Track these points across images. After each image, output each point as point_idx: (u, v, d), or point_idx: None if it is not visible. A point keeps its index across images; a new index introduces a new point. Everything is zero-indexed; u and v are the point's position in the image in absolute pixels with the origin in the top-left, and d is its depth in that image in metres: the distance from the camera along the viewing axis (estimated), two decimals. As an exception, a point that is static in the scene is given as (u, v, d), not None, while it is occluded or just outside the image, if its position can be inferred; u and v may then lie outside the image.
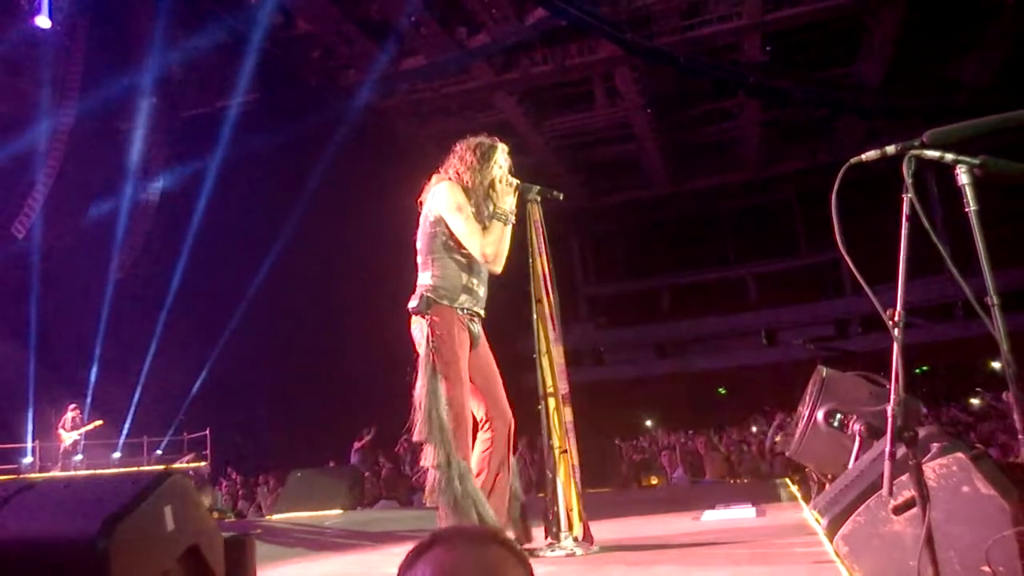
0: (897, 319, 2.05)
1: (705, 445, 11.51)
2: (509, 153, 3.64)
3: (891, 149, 2.13)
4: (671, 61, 16.41)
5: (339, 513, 7.52)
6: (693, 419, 17.49)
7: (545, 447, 3.42)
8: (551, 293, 3.53)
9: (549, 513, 3.36)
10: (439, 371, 3.24)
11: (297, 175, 15.94)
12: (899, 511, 2.10)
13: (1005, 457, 6.40)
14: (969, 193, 2.01)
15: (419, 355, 3.32)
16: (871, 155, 2.19)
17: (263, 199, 15.86)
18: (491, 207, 3.50)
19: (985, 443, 7.95)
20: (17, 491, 2.21)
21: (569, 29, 16.11)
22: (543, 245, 3.58)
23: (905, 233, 2.07)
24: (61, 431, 13.27)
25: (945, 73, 18.14)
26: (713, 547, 3.39)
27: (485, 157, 3.53)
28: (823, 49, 17.58)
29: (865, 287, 2.10)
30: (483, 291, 3.52)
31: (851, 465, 3.20)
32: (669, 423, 18.77)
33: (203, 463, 14.92)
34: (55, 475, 12.10)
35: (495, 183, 3.53)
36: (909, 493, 2.05)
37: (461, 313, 3.39)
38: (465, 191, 3.47)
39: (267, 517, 8.83)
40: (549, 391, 3.45)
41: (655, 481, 10.66)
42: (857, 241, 2.25)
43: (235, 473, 13.27)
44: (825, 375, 3.80)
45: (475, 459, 3.36)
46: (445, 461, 3.13)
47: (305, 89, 16.57)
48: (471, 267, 3.45)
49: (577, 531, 3.32)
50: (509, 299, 3.77)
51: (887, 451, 2.10)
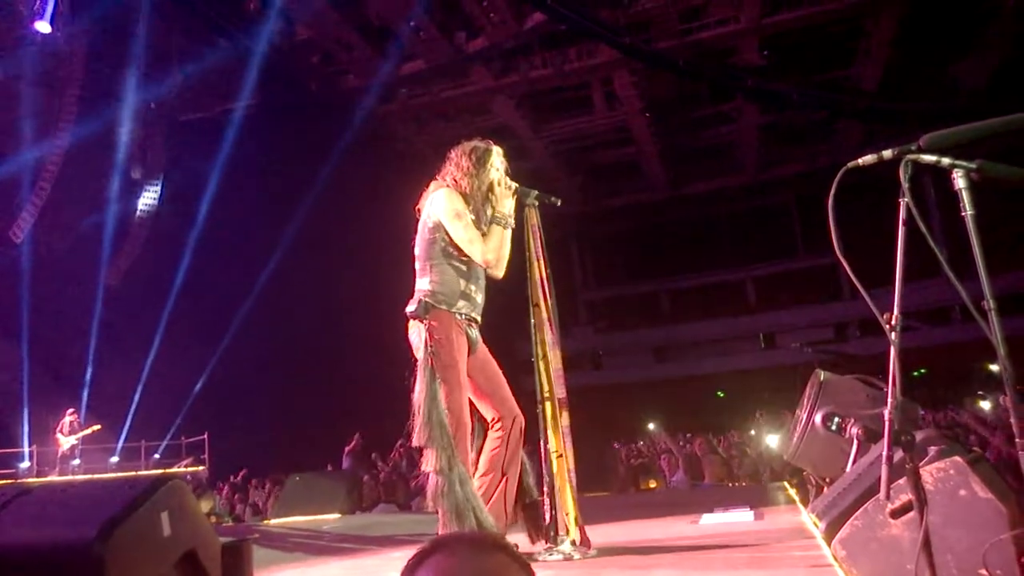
0: (894, 323, 2.06)
1: (703, 448, 11.51)
2: (506, 156, 3.65)
3: (888, 153, 2.14)
4: (670, 65, 16.44)
5: (337, 517, 7.51)
6: (692, 422, 17.48)
7: (542, 451, 3.42)
8: (548, 297, 3.53)
9: (547, 517, 3.36)
10: (438, 375, 3.24)
11: (297, 180, 15.94)
12: (896, 515, 2.10)
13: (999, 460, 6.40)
14: (966, 197, 2.01)
15: (417, 360, 3.32)
16: (868, 159, 2.19)
17: (262, 204, 15.86)
18: (490, 211, 3.51)
19: (983, 447, 7.94)
20: (14, 496, 2.21)
21: (568, 33, 16.14)
22: (540, 249, 3.58)
23: (902, 237, 2.07)
24: (59, 435, 13.26)
25: (942, 76, 18.18)
26: (711, 551, 3.38)
27: (481, 161, 3.53)
28: (821, 53, 17.62)
29: (862, 290, 2.11)
30: (481, 297, 3.52)
31: (849, 468, 3.20)
32: (668, 427, 18.76)
33: (201, 467, 14.90)
34: (53, 479, 12.09)
35: (493, 187, 3.53)
36: (906, 497, 2.05)
37: (459, 318, 3.39)
38: (463, 197, 3.47)
39: (265, 521, 8.81)
40: (546, 395, 3.45)
41: (653, 484, 10.65)
42: (855, 245, 2.26)
43: (233, 477, 13.24)
44: (823, 378, 3.80)
45: (484, 458, 3.37)
46: (447, 465, 3.13)
47: (305, 94, 16.59)
48: (470, 273, 3.45)
49: (574, 535, 3.32)
50: (508, 303, 3.77)
51: (884, 455, 2.10)
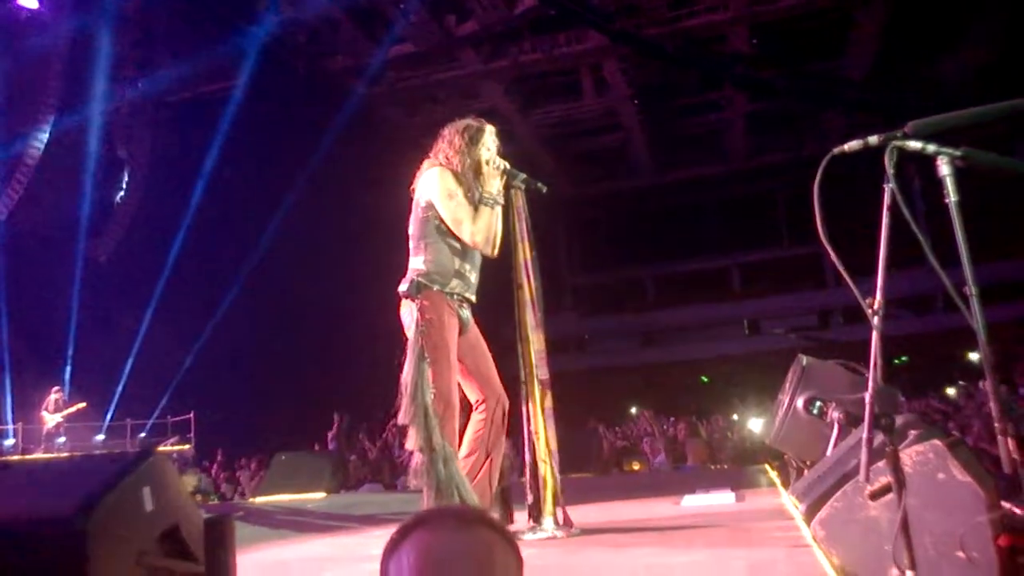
0: (876, 307, 2.07)
1: (686, 431, 11.60)
2: (497, 135, 3.64)
3: (874, 139, 2.15)
4: (659, 52, 16.41)
5: (323, 496, 7.53)
6: (676, 407, 17.59)
7: (525, 432, 3.44)
8: (532, 280, 3.54)
9: (529, 497, 3.38)
10: (427, 355, 3.24)
11: (286, 161, 15.85)
12: (875, 497, 2.12)
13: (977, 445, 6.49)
14: (950, 184, 2.02)
15: (408, 339, 3.33)
16: (853, 145, 2.20)
17: (251, 186, 15.76)
18: (479, 190, 3.50)
19: (963, 432, 8.04)
20: (-4, 470, 2.20)
21: (558, 18, 16.07)
22: (525, 232, 3.58)
23: (886, 223, 2.09)
24: (44, 413, 13.21)
25: (930, 69, 18.25)
26: (692, 530, 3.42)
27: (473, 140, 3.52)
28: (809, 42, 17.62)
29: (845, 275, 2.12)
30: (475, 277, 3.52)
31: (829, 452, 3.24)
32: (652, 410, 18.85)
33: (187, 446, 14.89)
34: (38, 457, 12.03)
35: (481, 165, 3.52)
36: (886, 479, 2.07)
37: (452, 298, 3.39)
38: (455, 175, 3.46)
39: (250, 500, 8.82)
40: (529, 377, 3.46)
41: (637, 467, 10.73)
42: (840, 234, 2.27)
43: (219, 456, 13.23)
44: (805, 363, 3.83)
45: (468, 439, 3.37)
46: (428, 444, 3.13)
47: (292, 75, 16.44)
48: (464, 252, 3.44)
49: (556, 514, 3.34)
50: (494, 285, 3.78)
51: (864, 438, 2.12)
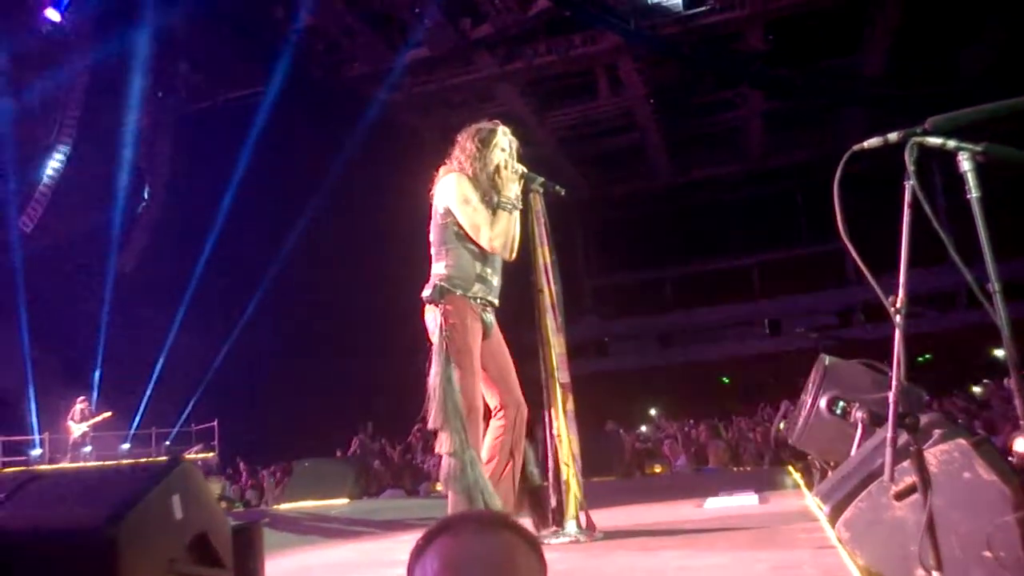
0: (899, 306, 2.06)
1: (708, 433, 11.54)
2: (513, 133, 3.64)
3: (893, 136, 2.14)
4: (674, 51, 16.35)
5: (346, 502, 7.56)
6: (697, 408, 17.50)
7: (547, 436, 3.45)
8: (552, 283, 3.55)
9: (552, 501, 3.38)
10: (452, 359, 3.26)
11: (304, 170, 15.98)
12: (900, 497, 2.11)
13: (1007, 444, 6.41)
14: (971, 180, 2.01)
15: (432, 344, 3.34)
16: (873, 142, 2.19)
17: (271, 195, 15.89)
18: (497, 194, 3.51)
19: (989, 431, 7.95)
20: (26, 481, 2.23)
21: (572, 19, 16.06)
22: (544, 235, 3.59)
23: (907, 220, 2.08)
24: (70, 423, 13.36)
25: (947, 62, 18.05)
26: (715, 533, 3.41)
27: (485, 142, 3.53)
28: (825, 38, 17.50)
29: (867, 273, 2.11)
30: (497, 280, 3.53)
31: (853, 452, 3.21)
32: (673, 412, 18.78)
33: (211, 453, 15.02)
34: (64, 466, 12.17)
35: (500, 169, 3.53)
36: (911, 479, 2.06)
37: (475, 303, 3.41)
38: (471, 181, 3.48)
39: (275, 506, 8.88)
40: (550, 380, 3.47)
41: (659, 469, 10.69)
42: (861, 230, 2.26)
43: (243, 463, 13.32)
44: (828, 363, 3.80)
45: (487, 446, 3.39)
46: (460, 448, 3.16)
47: (310, 83, 16.56)
48: (484, 257, 3.46)
49: (580, 518, 3.34)
50: (515, 290, 3.79)
51: (889, 438, 2.11)
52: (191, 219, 16.27)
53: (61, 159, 14.54)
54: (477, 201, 3.44)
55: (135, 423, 15.88)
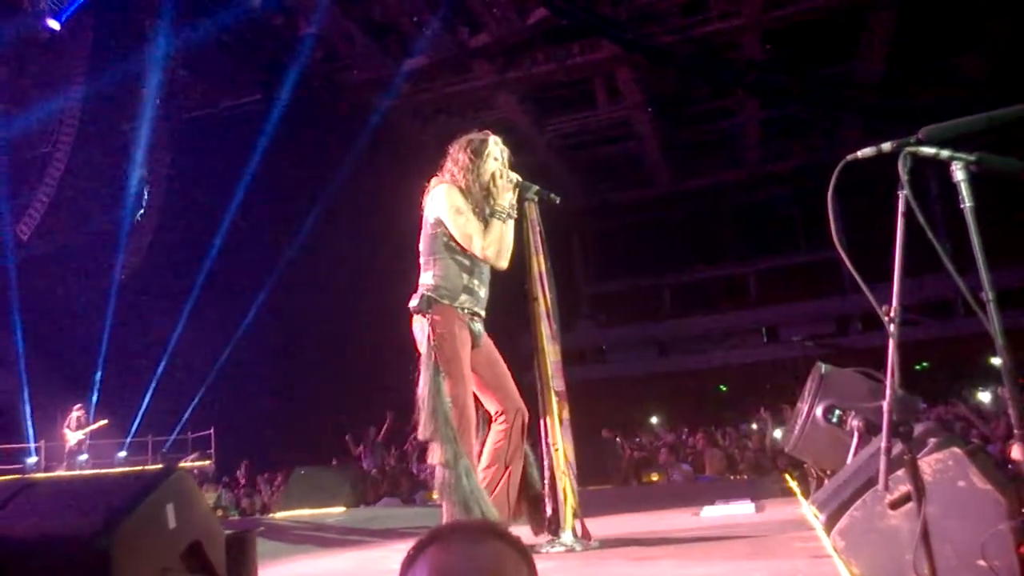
0: (893, 315, 2.07)
1: (705, 442, 11.53)
2: (505, 144, 3.65)
3: (887, 146, 2.15)
4: (672, 60, 16.41)
5: (342, 511, 7.54)
6: (694, 416, 17.49)
7: (542, 444, 3.44)
8: (547, 291, 3.55)
9: (548, 509, 3.38)
10: (441, 369, 3.26)
11: (304, 177, 16.01)
12: (895, 506, 2.11)
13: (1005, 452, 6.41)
14: (965, 189, 2.02)
15: (420, 354, 3.34)
16: (867, 152, 2.20)
17: (268, 202, 15.91)
18: (491, 204, 3.52)
19: (985, 440, 7.95)
20: (20, 489, 2.23)
21: (570, 28, 16.11)
22: (540, 243, 3.60)
23: (901, 230, 2.09)
24: (66, 431, 13.33)
25: (944, 69, 18.11)
26: (712, 542, 3.40)
27: (477, 153, 3.54)
28: (822, 46, 17.56)
29: (860, 282, 2.11)
30: (484, 292, 3.54)
31: (849, 461, 3.21)
32: (670, 420, 18.78)
33: (208, 461, 14.97)
34: (60, 474, 12.14)
35: (495, 178, 3.54)
36: (905, 488, 2.06)
37: (462, 312, 3.41)
38: (462, 192, 3.48)
39: (271, 515, 8.85)
40: (545, 389, 3.47)
41: (655, 478, 10.66)
42: (858, 240, 2.27)
43: (239, 471, 13.29)
44: (824, 371, 3.81)
45: (487, 451, 3.39)
46: (452, 458, 3.15)
47: (308, 90, 16.60)
48: (472, 268, 3.47)
49: (575, 526, 3.34)
50: (508, 297, 3.80)
51: (883, 446, 2.11)
52: (190, 227, 16.29)
53: (59, 167, 14.55)
54: (468, 211, 3.45)
55: (132, 431, 15.84)
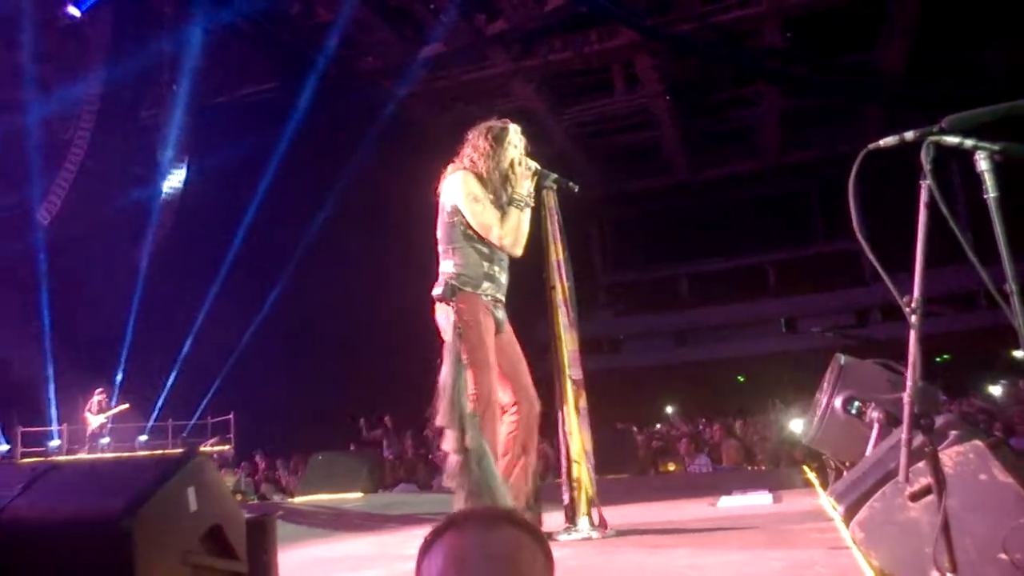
0: (914, 305, 2.05)
1: (722, 432, 11.50)
2: (525, 137, 3.65)
3: (910, 135, 2.12)
4: (691, 47, 16.28)
5: (360, 496, 7.59)
6: (711, 407, 17.44)
7: (560, 433, 3.45)
8: (564, 279, 3.55)
9: (565, 498, 3.39)
10: (465, 357, 3.27)
11: (321, 164, 16.06)
12: (915, 498, 2.09)
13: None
14: (989, 179, 1.99)
15: (444, 342, 3.36)
16: (889, 141, 2.18)
17: (285, 190, 15.98)
18: (509, 191, 3.51)
19: (1008, 433, 7.88)
20: (44, 472, 2.27)
21: (588, 16, 16.01)
22: (557, 232, 3.59)
23: (923, 220, 2.06)
24: (88, 414, 13.54)
25: (968, 59, 17.85)
26: (729, 532, 3.39)
27: (498, 140, 3.54)
28: (843, 35, 17.35)
29: (881, 272, 2.09)
30: (504, 278, 3.55)
31: (868, 452, 3.20)
32: (688, 411, 18.73)
33: (227, 446, 15.14)
34: (82, 457, 12.30)
35: (513, 166, 3.54)
36: (926, 480, 2.04)
37: (485, 299, 3.42)
38: (480, 179, 3.48)
39: (289, 499, 8.93)
40: (562, 377, 3.47)
41: (672, 467, 10.65)
42: (879, 232, 2.24)
43: (258, 456, 13.42)
44: (843, 363, 3.79)
45: (501, 441, 3.39)
46: (467, 445, 3.16)
47: (324, 78, 16.62)
48: (492, 255, 3.47)
49: (591, 514, 3.34)
50: (527, 286, 3.80)
51: (904, 438, 2.10)
52: (208, 215, 16.37)
53: (79, 152, 14.67)
54: (485, 198, 3.45)
55: (153, 415, 16.02)
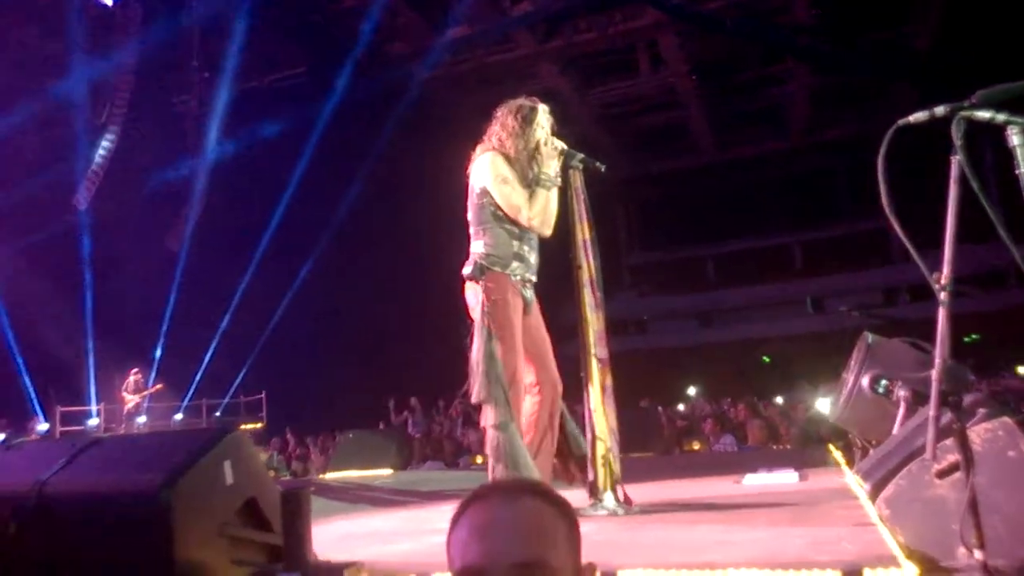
0: (944, 282, 2.03)
1: (747, 412, 11.46)
2: (550, 113, 3.65)
3: (940, 110, 2.09)
4: (717, 26, 16.05)
5: (389, 473, 7.69)
6: (737, 387, 17.38)
7: (586, 411, 3.48)
8: (591, 259, 3.56)
9: (589, 475, 3.42)
10: (494, 334, 3.31)
11: (348, 146, 16.14)
12: (942, 475, 2.09)
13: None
14: (1021, 155, 1.97)
15: (474, 320, 3.40)
16: (919, 116, 2.15)
17: (316, 173, 16.09)
18: (536, 170, 3.53)
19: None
20: (87, 445, 2.34)
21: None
22: (584, 212, 3.60)
23: (953, 196, 2.04)
24: (124, 394, 13.87)
25: (998, 35, 17.42)
26: (754, 509, 3.41)
27: (527, 120, 3.55)
28: (873, 10, 17.00)
29: (911, 249, 2.07)
30: (534, 258, 3.57)
31: (895, 431, 3.19)
32: (713, 391, 18.67)
33: (259, 424, 15.42)
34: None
35: (540, 146, 3.55)
36: (953, 457, 2.04)
37: (514, 279, 3.45)
38: (508, 159, 3.49)
39: (319, 476, 9.05)
40: (587, 356, 3.49)
41: (697, 446, 10.64)
42: (906, 206, 2.22)
43: (290, 433, 13.63)
44: (871, 341, 3.77)
45: (524, 421, 3.44)
46: (504, 421, 3.22)
47: (351, 62, 16.64)
48: (521, 235, 3.50)
49: (616, 491, 3.37)
50: (554, 267, 3.82)
51: (932, 415, 2.09)
52: (239, 199, 16.52)
53: (112, 139, 14.84)
54: (514, 179, 3.46)
55: (188, 394, 16.31)
